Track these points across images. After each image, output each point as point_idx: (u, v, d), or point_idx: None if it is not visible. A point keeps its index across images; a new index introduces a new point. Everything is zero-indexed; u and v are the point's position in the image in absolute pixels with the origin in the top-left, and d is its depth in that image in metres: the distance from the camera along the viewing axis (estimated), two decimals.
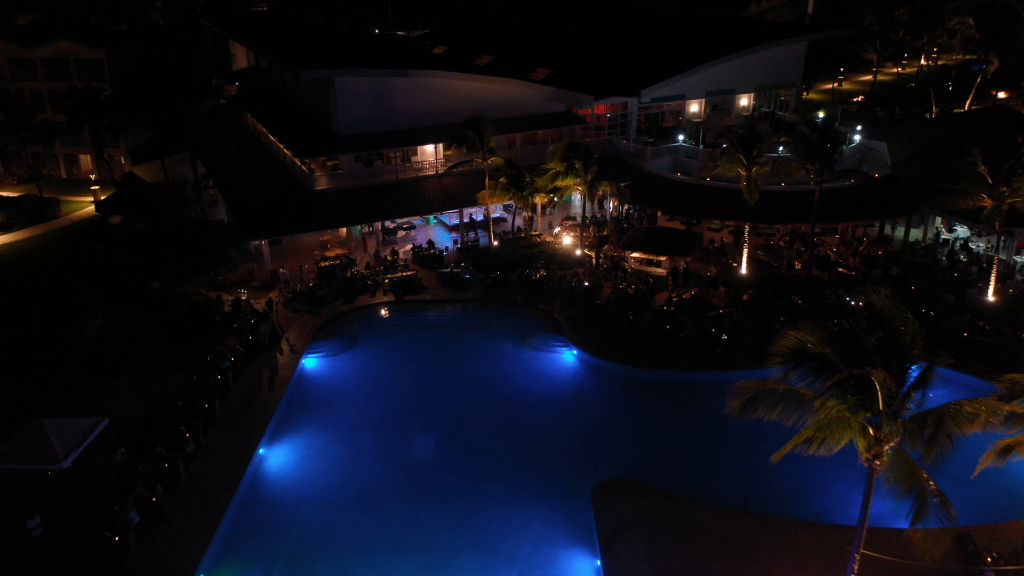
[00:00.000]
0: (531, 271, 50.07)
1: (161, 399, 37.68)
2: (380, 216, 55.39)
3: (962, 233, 55.60)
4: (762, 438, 23.92)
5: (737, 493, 31.15)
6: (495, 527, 30.37)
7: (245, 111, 74.92)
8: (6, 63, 76.38)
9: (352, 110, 55.81)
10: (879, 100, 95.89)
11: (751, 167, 46.24)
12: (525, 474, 33.57)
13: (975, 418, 19.89)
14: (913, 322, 20.18)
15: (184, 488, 31.98)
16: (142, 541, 28.86)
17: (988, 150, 43.07)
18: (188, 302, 46.80)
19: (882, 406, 19.21)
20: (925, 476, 19.00)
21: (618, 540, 29.06)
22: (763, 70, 69.66)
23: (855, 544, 22.21)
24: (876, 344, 19.45)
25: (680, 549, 28.69)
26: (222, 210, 63.20)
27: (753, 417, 21.21)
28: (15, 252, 59.55)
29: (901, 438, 19.95)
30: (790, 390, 20.50)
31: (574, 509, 31.16)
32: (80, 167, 78.91)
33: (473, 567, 28.30)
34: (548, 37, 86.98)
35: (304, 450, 35.78)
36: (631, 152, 62.27)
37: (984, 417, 20.13)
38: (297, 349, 43.33)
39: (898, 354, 19.46)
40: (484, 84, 59.77)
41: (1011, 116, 61.33)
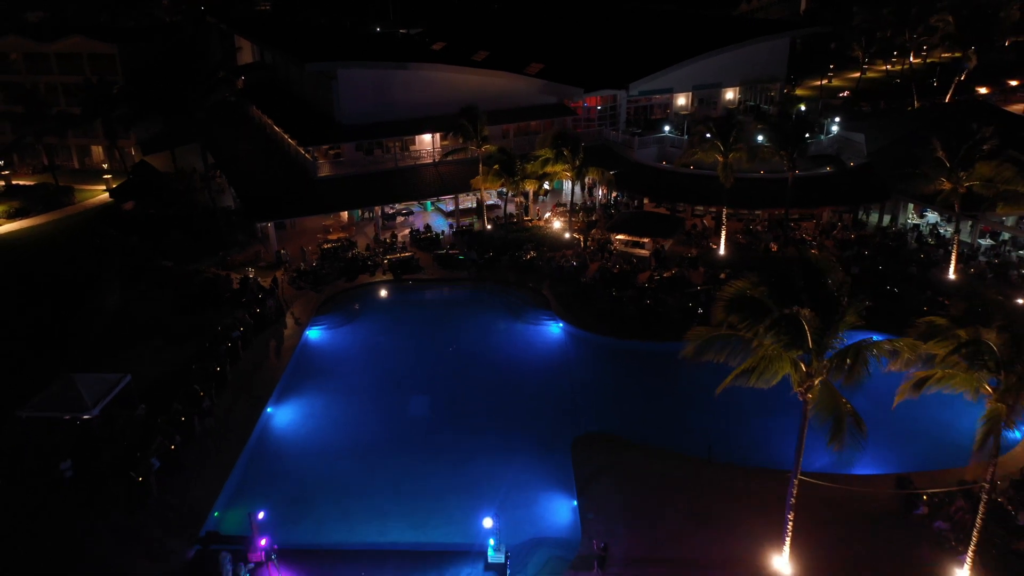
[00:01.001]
0: (522, 253, 53.11)
1: (176, 364, 40.72)
2: (380, 201, 58.50)
3: (932, 219, 58.52)
4: (728, 401, 26.82)
5: (703, 445, 34.18)
6: (483, 474, 33.33)
7: (251, 104, 77.94)
8: (22, 58, 79.48)
9: (353, 101, 58.80)
10: (865, 96, 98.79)
11: (728, 153, 49.22)
12: (512, 430, 36.56)
13: (895, 355, 22.93)
14: (840, 271, 23.14)
15: (199, 440, 35.03)
16: (162, 484, 31.90)
17: (948, 138, 45.95)
18: (199, 280, 49.89)
19: (811, 344, 22.22)
20: (844, 401, 22.02)
21: (593, 483, 32.14)
22: (748, 65, 72.61)
23: (793, 471, 25.19)
24: (804, 285, 22.40)
25: (649, 491, 31.76)
26: (229, 198, 66.33)
27: (705, 360, 24.26)
28: (33, 236, 62.66)
29: (828, 373, 22.96)
30: (734, 334, 23.50)
31: (555, 459, 34.12)
32: (92, 157, 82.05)
33: (461, 506, 31.27)
34: (542, 33, 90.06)
35: (308, 409, 38.88)
36: (620, 142, 65.31)
37: (905, 354, 23.17)
38: (301, 322, 46.39)
39: (824, 297, 22.43)
40: (480, 77, 62.77)
41: (983, 108, 64.21)
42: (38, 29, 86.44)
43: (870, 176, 58.24)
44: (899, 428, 34.34)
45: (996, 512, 28.97)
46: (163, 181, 65.32)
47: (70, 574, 27.66)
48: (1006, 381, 21.92)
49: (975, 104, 68.72)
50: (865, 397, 24.10)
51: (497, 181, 53.79)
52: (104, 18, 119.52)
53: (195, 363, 39.71)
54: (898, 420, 34.32)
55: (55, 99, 77.61)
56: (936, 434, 34.99)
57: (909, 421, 34.13)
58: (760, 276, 23.19)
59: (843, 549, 27.96)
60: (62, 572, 27.69)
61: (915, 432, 34.70)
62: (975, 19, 79.80)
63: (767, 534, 28.42)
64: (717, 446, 34.07)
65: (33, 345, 41.54)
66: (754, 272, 24.23)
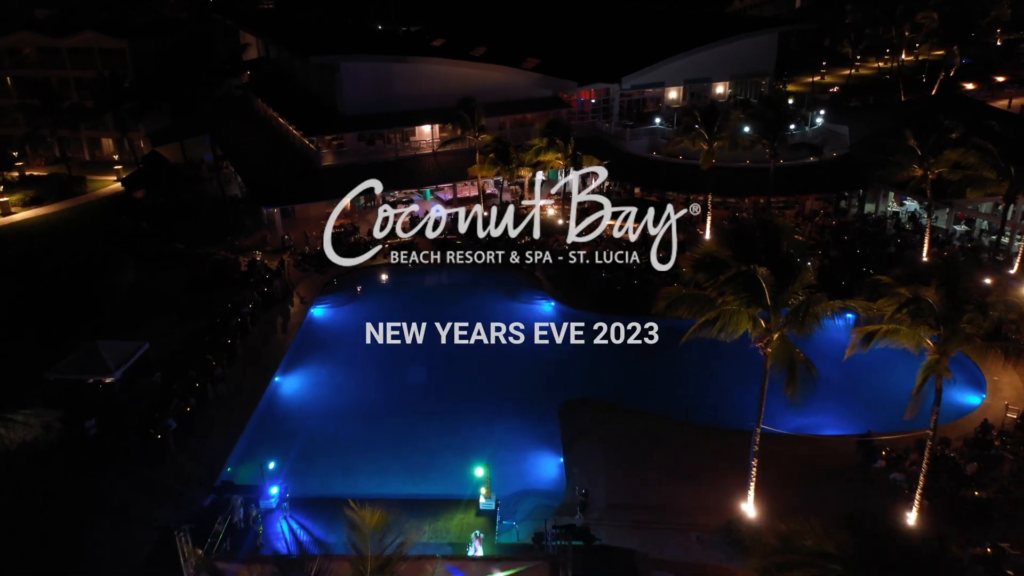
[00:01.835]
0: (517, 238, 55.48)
1: (189, 338, 43.26)
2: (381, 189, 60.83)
3: (911, 207, 60.94)
4: (704, 371, 29.22)
5: (681, 410, 36.71)
6: (476, 435, 35.83)
7: (256, 98, 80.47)
8: (35, 52, 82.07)
9: (356, 93, 61.31)
10: (855, 91, 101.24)
11: (712, 141, 51.71)
12: (504, 397, 39.09)
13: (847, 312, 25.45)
14: (798, 234, 25.61)
15: (212, 405, 37.60)
16: (178, 443, 34.45)
17: (920, 127, 48.39)
18: (209, 261, 52.44)
19: (769, 301, 24.72)
20: (798, 352, 24.54)
21: (578, 442, 34.71)
22: (737, 60, 75.00)
23: (756, 421, 27.69)
24: (763, 247, 24.88)
25: (629, 448, 34.29)
26: (236, 188, 68.87)
27: (674, 316, 26.80)
28: (48, 223, 65.28)
29: (785, 329, 25.46)
30: (701, 292, 26.01)
31: (544, 422, 36.65)
32: (102, 150, 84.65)
33: (456, 462, 33.73)
34: (539, 30, 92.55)
35: (314, 378, 41.46)
36: (612, 134, 67.81)
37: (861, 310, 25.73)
38: (307, 300, 49.00)
39: (782, 257, 24.92)
40: (477, 71, 65.24)
41: (962, 102, 66.77)
42: (50, 25, 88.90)
43: (851, 166, 60.69)
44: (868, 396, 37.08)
45: (948, 465, 31.49)
46: (173, 170, 67.86)
47: (97, 518, 30.20)
48: (944, 334, 24.40)
49: (956, 98, 71.20)
50: (839, 369, 26.61)
51: (493, 169, 56.23)
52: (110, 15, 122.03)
53: (207, 336, 42.31)
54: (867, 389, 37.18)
55: (67, 93, 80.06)
56: (902, 401, 37.42)
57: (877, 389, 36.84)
58: (724, 237, 25.64)
59: (804, 496, 30.43)
60: (90, 516, 30.22)
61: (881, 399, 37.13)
62: (958, 16, 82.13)
63: (736, 485, 30.88)
64: (694, 411, 36.62)
65: (58, 317, 44.04)
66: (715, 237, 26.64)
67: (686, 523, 29.60)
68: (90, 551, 28.79)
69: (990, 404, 36.73)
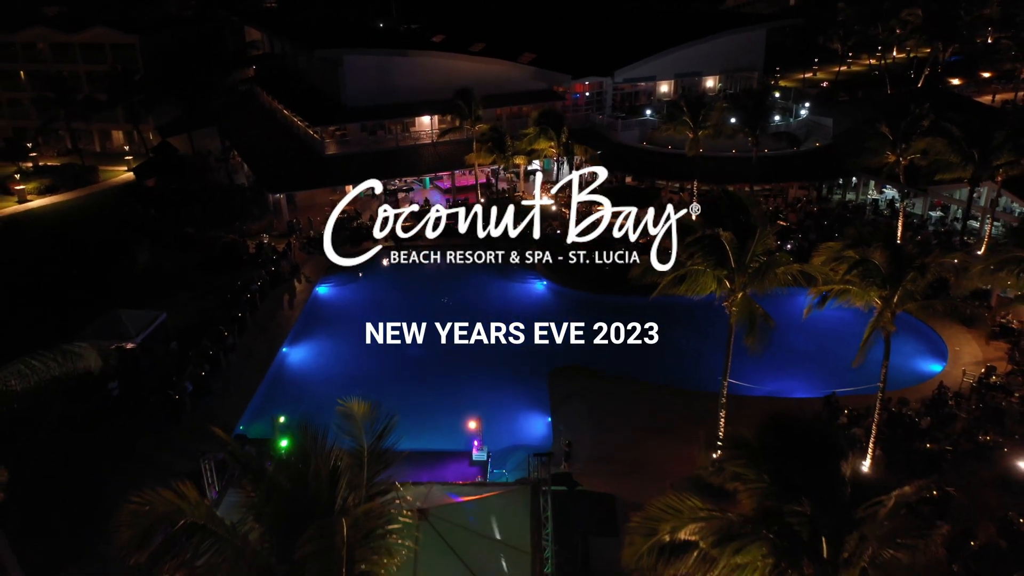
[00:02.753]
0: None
1: (202, 312, 46.00)
2: (382, 177, 63.51)
3: (890, 195, 63.57)
4: (683, 342, 31.70)
5: (661, 376, 39.42)
6: (471, 397, 38.51)
7: (262, 92, 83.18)
8: (48, 47, 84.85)
9: (358, 85, 64.02)
10: (844, 87, 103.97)
11: (698, 130, 54.39)
12: (497, 364, 41.79)
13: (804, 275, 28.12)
14: (760, 206, 28.28)
15: (224, 372, 40.34)
16: (194, 404, 37.19)
17: (893, 116, 51.02)
18: (219, 244, 55.16)
19: (732, 263, 27.41)
20: (758, 307, 27.22)
21: (566, 403, 37.46)
22: (726, 55, 77.61)
23: (722, 373, 30.38)
24: (728, 213, 27.55)
25: (611, 409, 37.02)
26: (243, 178, 71.60)
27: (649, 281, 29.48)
28: (63, 210, 68.05)
29: (748, 289, 28.15)
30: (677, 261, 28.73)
31: (534, 386, 39.43)
32: (113, 142, 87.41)
33: (451, 421, 36.39)
34: (535, 26, 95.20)
35: (318, 348, 44.20)
36: (605, 125, 70.50)
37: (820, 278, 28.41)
38: (311, 280, 51.76)
39: (745, 223, 27.59)
40: (475, 64, 67.88)
41: (942, 95, 69.42)
42: (58, 21, 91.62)
43: (834, 156, 63.31)
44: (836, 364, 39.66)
45: (904, 421, 34.18)
46: (183, 160, 70.56)
47: (120, 468, 32.94)
48: (889, 292, 27.08)
49: (938, 92, 73.85)
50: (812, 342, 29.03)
51: (489, 157, 58.91)
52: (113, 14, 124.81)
53: (219, 310, 45.05)
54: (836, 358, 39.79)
55: (79, 86, 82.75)
56: (867, 369, 40.10)
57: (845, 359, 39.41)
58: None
59: None
60: (116, 466, 32.95)
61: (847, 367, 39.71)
62: (942, 13, 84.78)
63: (707, 439, 33.55)
64: (672, 378, 39.37)
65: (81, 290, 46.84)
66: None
67: (661, 472, 32.21)
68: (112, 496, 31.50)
69: (950, 371, 39.40)
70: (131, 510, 15.12)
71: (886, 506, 14.99)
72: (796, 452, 15.99)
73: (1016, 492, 30.52)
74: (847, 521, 14.90)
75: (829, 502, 15.10)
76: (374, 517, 15.39)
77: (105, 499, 31.15)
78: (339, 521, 14.42)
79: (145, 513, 14.94)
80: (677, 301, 38.71)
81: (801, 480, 15.27)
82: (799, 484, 15.21)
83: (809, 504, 14.78)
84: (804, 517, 14.96)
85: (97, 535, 30.13)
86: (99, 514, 30.78)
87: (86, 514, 30.69)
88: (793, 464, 15.67)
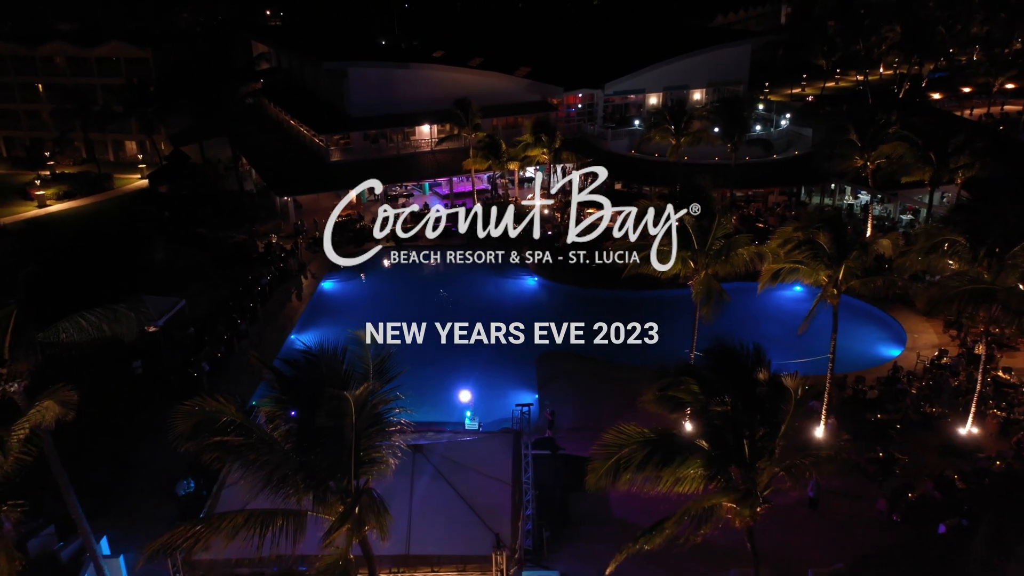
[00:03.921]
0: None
1: (215, 303, 49.42)
2: (384, 182, 67.13)
3: (864, 200, 67.11)
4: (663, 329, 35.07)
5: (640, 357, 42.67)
6: (464, 377, 41.80)
7: (269, 103, 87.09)
8: (65, 61, 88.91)
9: (362, 96, 67.79)
10: (830, 101, 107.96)
11: (679, 136, 58.04)
12: (490, 350, 45.02)
13: (761, 256, 31.56)
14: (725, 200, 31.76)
15: (237, 355, 43.71)
16: (211, 382, 40.50)
17: (862, 124, 54.57)
18: (230, 243, 58.70)
19: (696, 244, 30.87)
20: (717, 284, 30.66)
21: (552, 383, 40.82)
22: (713, 69, 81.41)
23: (691, 349, 33.75)
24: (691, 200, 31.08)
25: (595, 387, 40.38)
26: (251, 184, 75.34)
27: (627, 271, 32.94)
28: (81, 214, 71.72)
29: (712, 270, 31.59)
30: (646, 244, 32.17)
31: (523, 369, 42.74)
32: (126, 151, 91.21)
33: (446, 398, 39.78)
34: (531, 42, 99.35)
35: (324, 336, 47.27)
36: (596, 135, 74.23)
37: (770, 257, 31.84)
38: (317, 276, 55.23)
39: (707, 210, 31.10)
40: (473, 76, 71.69)
41: (916, 107, 73.17)
42: (79, 36, 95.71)
43: (812, 164, 66.90)
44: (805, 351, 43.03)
45: (860, 395, 37.55)
46: (194, 167, 74.30)
47: (145, 436, 36.30)
48: (835, 270, 30.50)
49: (912, 104, 77.62)
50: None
51: (485, 162, 62.49)
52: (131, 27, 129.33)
53: (232, 300, 48.49)
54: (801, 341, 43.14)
55: (95, 98, 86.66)
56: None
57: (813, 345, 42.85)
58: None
59: None
60: (139, 434, 36.31)
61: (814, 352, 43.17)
62: (919, 30, 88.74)
63: None
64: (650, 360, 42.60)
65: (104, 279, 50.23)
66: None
67: None
68: (137, 462, 34.97)
69: (907, 355, 42.76)
70: (184, 410, 18.50)
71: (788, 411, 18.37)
72: (722, 369, 19.37)
73: (955, 455, 33.81)
74: (762, 415, 18.29)
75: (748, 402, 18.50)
76: (378, 405, 18.73)
77: (132, 461, 34.67)
78: (348, 400, 17.76)
79: (195, 412, 18.33)
80: (659, 295, 43.60)
81: (725, 387, 18.67)
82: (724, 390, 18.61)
83: (729, 401, 18.17)
84: (727, 415, 18.34)
85: (126, 492, 33.66)
86: (127, 473, 34.32)
87: (116, 472, 34.05)
88: (721, 378, 19.06)
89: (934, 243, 30.44)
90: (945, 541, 28.90)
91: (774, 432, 18.68)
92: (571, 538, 30.23)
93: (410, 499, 23.14)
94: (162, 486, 33.39)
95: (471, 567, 21.86)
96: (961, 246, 30.25)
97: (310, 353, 19.45)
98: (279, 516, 17.43)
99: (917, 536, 29.41)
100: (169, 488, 33.18)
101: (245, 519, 17.31)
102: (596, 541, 29.56)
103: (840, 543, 29.24)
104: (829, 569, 27.34)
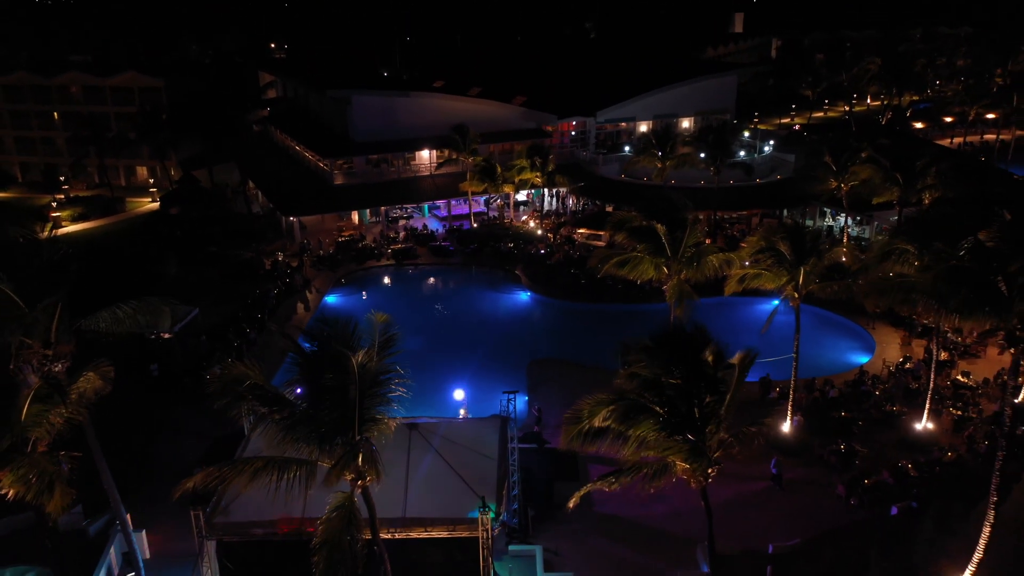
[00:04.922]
0: (501, 244, 65.00)
1: (225, 315, 52.36)
2: (385, 204, 70.67)
3: (843, 221, 70.25)
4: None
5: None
6: (462, 382, 44.61)
7: (275, 130, 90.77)
8: (80, 90, 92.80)
9: (364, 122, 71.34)
10: (816, 130, 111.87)
11: (665, 160, 61.41)
12: (485, 358, 48.03)
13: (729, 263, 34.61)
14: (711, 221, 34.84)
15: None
16: None
17: (836, 149, 57.89)
18: (239, 260, 61.81)
19: (668, 252, 33.93)
20: (687, 287, 33.66)
21: (541, 386, 43.61)
22: (700, 99, 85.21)
23: None
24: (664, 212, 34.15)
25: (581, 390, 42.58)
26: (258, 207, 78.68)
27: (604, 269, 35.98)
28: (95, 234, 74.94)
29: (684, 275, 34.60)
30: (623, 249, 35.24)
31: (515, 374, 45.51)
32: (137, 176, 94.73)
33: (443, 399, 42.53)
34: (527, 71, 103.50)
35: None
36: (588, 160, 77.71)
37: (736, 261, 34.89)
38: (321, 291, 58.28)
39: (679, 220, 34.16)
40: (470, 105, 75.32)
41: (897, 135, 76.73)
42: (94, 66, 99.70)
43: (793, 187, 70.27)
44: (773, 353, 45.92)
45: (824, 396, 40.39)
46: (204, 190, 77.67)
47: (159, 433, 39.10)
48: (794, 274, 33.51)
49: (893, 133, 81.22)
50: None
51: (481, 185, 65.83)
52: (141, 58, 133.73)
53: (241, 312, 51.45)
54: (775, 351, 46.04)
55: (108, 125, 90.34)
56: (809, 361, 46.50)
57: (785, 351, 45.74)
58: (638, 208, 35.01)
59: None
60: (156, 429, 39.12)
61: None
62: (899, 63, 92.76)
63: None
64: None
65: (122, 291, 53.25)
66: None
67: None
68: (156, 454, 37.76)
69: (875, 362, 45.68)
70: (216, 374, 21.44)
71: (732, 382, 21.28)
72: (675, 349, 22.31)
73: (911, 449, 36.58)
74: (707, 385, 21.21)
75: (698, 376, 21.43)
76: (380, 371, 21.62)
77: (150, 453, 37.46)
78: (350, 358, 20.68)
79: (225, 375, 21.26)
80: (641, 308, 47.31)
81: (678, 363, 21.60)
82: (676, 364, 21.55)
83: (680, 374, 21.08)
84: (679, 387, 21.25)
85: (144, 480, 36.37)
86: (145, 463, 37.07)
87: (136, 463, 36.80)
88: (676, 357, 22.00)
89: (885, 251, 33.37)
90: (896, 521, 31.59)
91: (721, 400, 21.52)
92: (555, 519, 32.96)
93: (406, 470, 25.91)
94: (177, 476, 36.07)
95: (460, 528, 24.59)
96: (910, 253, 33.20)
97: (324, 323, 22.18)
98: (293, 464, 20.28)
99: (871, 517, 32.13)
100: (183, 476, 35.90)
101: (265, 463, 20.17)
102: (576, 522, 32.36)
103: (800, 523, 31.96)
104: (788, 544, 30.03)
